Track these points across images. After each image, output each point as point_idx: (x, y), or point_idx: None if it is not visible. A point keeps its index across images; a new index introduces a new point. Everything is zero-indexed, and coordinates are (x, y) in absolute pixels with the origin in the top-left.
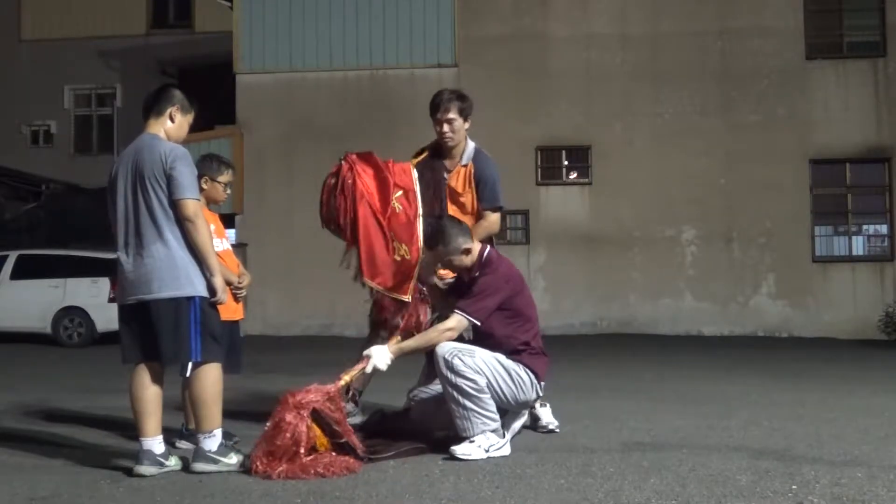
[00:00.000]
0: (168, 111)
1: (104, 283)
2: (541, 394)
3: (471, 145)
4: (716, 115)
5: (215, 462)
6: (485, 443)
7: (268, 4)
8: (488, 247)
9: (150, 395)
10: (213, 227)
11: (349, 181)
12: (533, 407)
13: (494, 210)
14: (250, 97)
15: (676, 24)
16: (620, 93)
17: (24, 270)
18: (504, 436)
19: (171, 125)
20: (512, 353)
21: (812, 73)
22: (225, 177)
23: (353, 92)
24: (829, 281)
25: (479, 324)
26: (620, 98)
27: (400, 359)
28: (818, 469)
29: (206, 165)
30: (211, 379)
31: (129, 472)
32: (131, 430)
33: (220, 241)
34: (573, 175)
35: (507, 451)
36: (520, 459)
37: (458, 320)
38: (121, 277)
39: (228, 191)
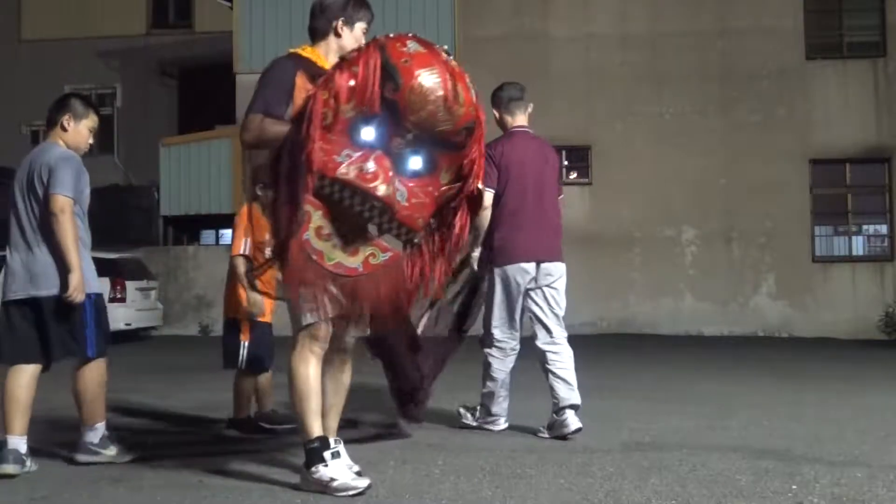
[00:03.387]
0: (59, 120)
1: (103, 283)
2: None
3: None
4: (716, 115)
5: (96, 454)
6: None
7: (268, 4)
8: None
9: (28, 395)
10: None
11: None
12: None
13: None
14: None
15: (676, 24)
16: (620, 93)
17: None
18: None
19: (66, 133)
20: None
21: (812, 73)
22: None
23: None
24: (829, 281)
25: (493, 190)
26: (620, 98)
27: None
28: (818, 469)
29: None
30: (98, 375)
31: (130, 473)
32: (131, 430)
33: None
34: (573, 175)
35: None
36: (520, 459)
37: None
38: (8, 274)
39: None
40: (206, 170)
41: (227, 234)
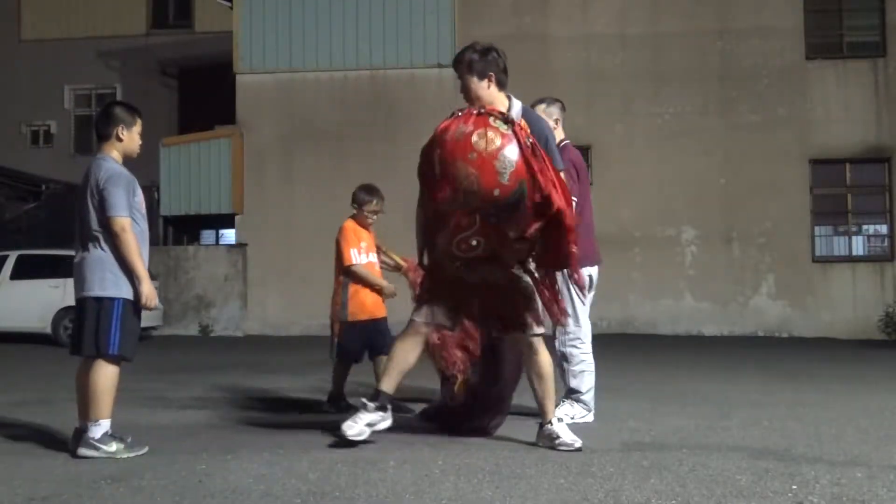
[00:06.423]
0: (114, 133)
1: None
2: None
3: (517, 104)
4: (716, 115)
5: (96, 448)
6: (570, 411)
7: (268, 4)
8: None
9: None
10: (364, 243)
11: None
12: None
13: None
14: (250, 97)
15: (676, 24)
16: (620, 93)
17: (24, 270)
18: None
19: (121, 143)
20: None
21: (812, 73)
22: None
23: (352, 92)
24: (829, 281)
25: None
26: (620, 98)
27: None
28: (818, 469)
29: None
30: (111, 373)
31: (127, 472)
32: (131, 429)
33: (366, 256)
34: None
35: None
36: (520, 459)
37: None
38: (74, 273)
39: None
40: (206, 170)
41: (227, 234)
